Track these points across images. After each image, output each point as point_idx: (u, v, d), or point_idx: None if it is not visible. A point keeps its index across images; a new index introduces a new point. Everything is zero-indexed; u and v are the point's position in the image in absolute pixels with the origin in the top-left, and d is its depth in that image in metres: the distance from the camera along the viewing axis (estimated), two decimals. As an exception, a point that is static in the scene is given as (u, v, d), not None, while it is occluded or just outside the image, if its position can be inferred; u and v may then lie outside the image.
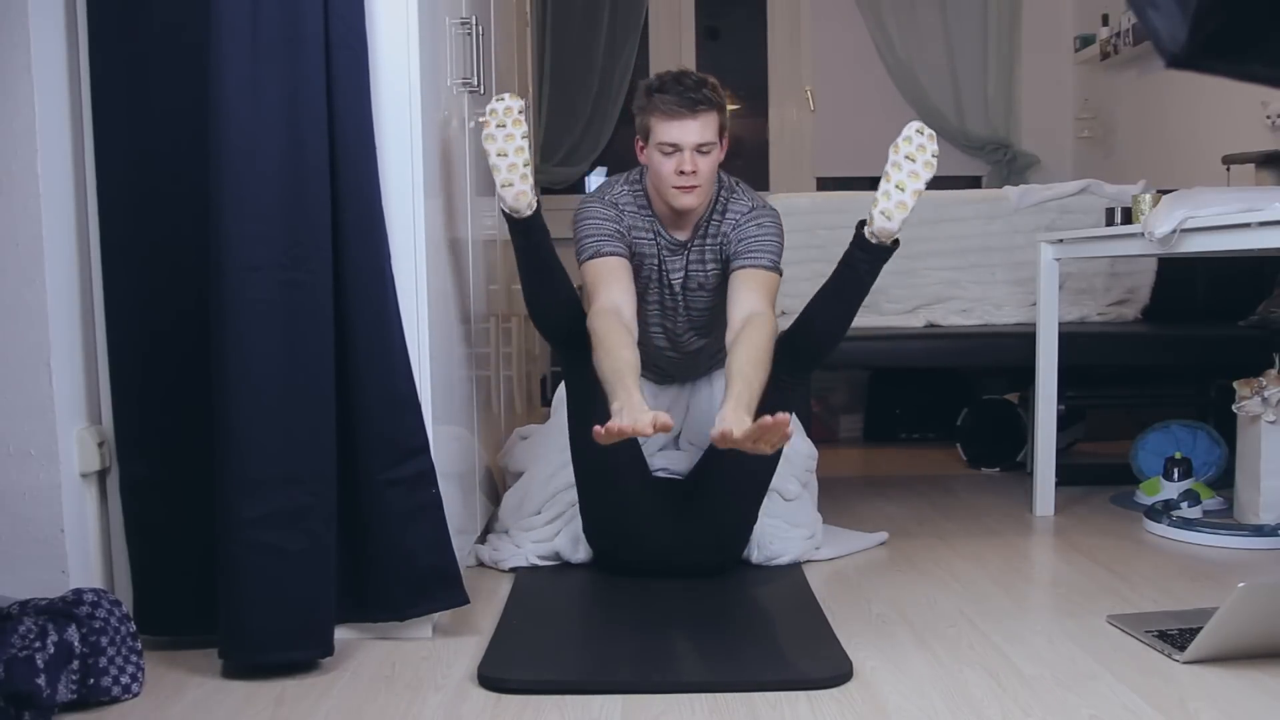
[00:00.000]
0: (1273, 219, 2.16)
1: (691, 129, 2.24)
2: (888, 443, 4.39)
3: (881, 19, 5.57)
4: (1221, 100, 4.05)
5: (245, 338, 1.79)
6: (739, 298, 2.25)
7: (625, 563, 2.38)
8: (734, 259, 2.34)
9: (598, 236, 2.31)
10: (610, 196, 2.40)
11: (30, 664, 1.56)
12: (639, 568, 2.35)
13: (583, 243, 2.32)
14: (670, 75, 2.27)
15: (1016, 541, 2.73)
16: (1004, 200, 3.62)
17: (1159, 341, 3.38)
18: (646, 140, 2.31)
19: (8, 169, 1.82)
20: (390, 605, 1.95)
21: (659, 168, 2.29)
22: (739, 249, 2.33)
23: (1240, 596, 1.73)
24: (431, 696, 1.73)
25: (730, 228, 2.36)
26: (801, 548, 2.49)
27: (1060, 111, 5.59)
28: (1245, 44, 0.79)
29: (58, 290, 1.87)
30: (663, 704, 1.68)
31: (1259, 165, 3.28)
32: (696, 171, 2.25)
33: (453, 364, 2.26)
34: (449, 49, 2.26)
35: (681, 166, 2.25)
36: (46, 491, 1.86)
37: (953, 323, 3.52)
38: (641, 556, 2.35)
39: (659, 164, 2.28)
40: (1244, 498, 2.84)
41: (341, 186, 1.86)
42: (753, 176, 5.82)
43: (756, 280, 2.28)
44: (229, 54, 1.78)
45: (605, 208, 2.37)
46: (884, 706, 1.67)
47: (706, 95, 2.24)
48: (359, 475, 1.91)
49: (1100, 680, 1.75)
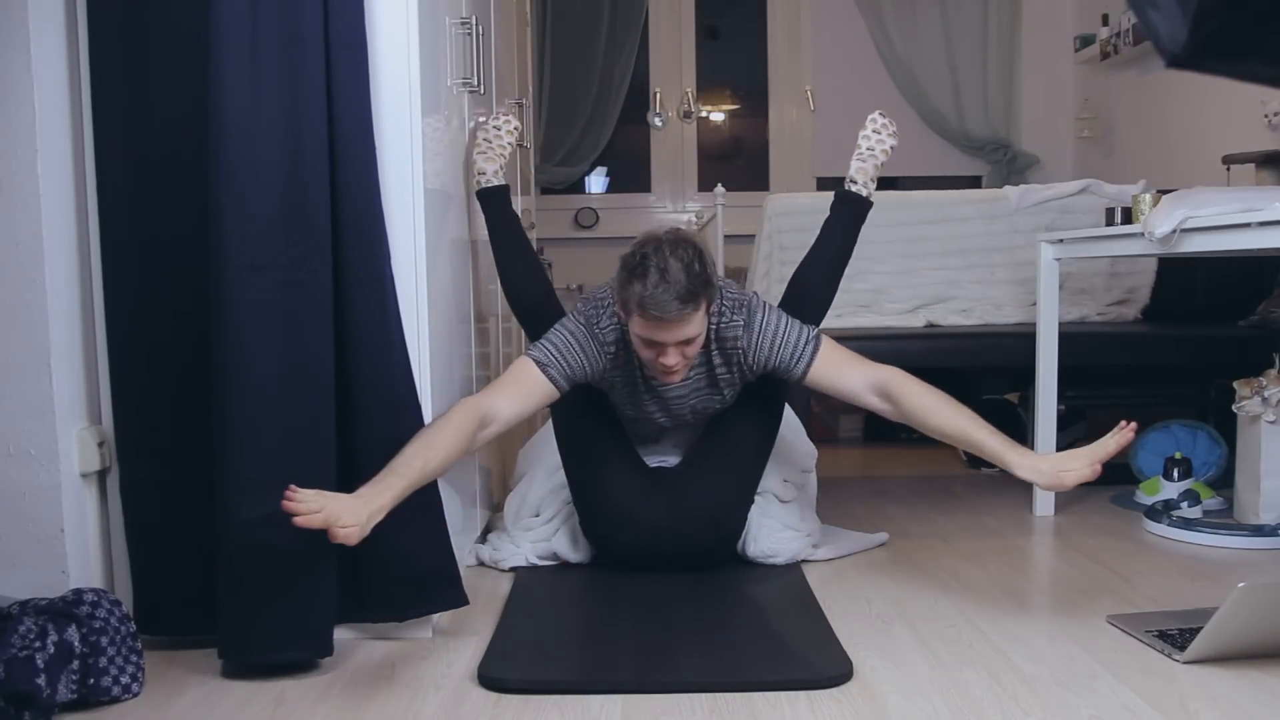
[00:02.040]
0: (1273, 219, 2.16)
1: (673, 331, 2.08)
2: (888, 443, 4.39)
3: (881, 19, 5.57)
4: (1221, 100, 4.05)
5: (245, 337, 1.79)
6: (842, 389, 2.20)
7: (622, 548, 2.37)
8: (785, 373, 2.23)
9: (556, 356, 2.17)
10: (603, 334, 2.23)
11: (30, 664, 1.56)
12: (635, 554, 2.35)
13: (540, 343, 2.20)
14: (655, 269, 2.03)
15: (1016, 541, 2.73)
16: (1004, 200, 3.62)
17: (1159, 341, 3.38)
18: (626, 313, 2.13)
19: (8, 169, 1.82)
20: (390, 605, 1.95)
21: (638, 349, 2.17)
22: (779, 367, 2.22)
23: (1240, 596, 1.72)
24: (431, 696, 1.73)
25: (742, 355, 2.24)
26: (798, 547, 2.49)
27: (1060, 111, 5.59)
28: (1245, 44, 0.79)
29: (58, 290, 1.87)
30: (663, 704, 1.68)
31: (1259, 165, 3.28)
32: (678, 362, 2.14)
33: (453, 364, 2.26)
34: (449, 49, 2.26)
35: (663, 358, 2.13)
36: (46, 491, 1.86)
37: (953, 323, 3.52)
38: (636, 538, 2.33)
39: (638, 346, 2.16)
40: (1244, 498, 2.84)
41: (341, 186, 1.86)
42: (753, 176, 5.83)
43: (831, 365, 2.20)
44: (229, 54, 1.78)
45: (590, 345, 2.21)
46: (884, 706, 1.67)
47: (692, 292, 2.04)
48: (359, 475, 1.91)
49: (1100, 680, 1.75)
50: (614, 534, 2.38)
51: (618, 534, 2.37)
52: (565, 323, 2.26)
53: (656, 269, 2.03)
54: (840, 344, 2.27)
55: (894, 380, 2.14)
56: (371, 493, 1.73)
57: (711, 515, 2.36)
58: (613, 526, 2.37)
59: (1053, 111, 5.60)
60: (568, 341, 2.20)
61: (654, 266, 2.04)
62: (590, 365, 2.21)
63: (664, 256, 2.04)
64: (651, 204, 5.84)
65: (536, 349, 2.19)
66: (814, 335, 2.22)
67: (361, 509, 1.69)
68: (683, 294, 2.03)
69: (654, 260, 2.04)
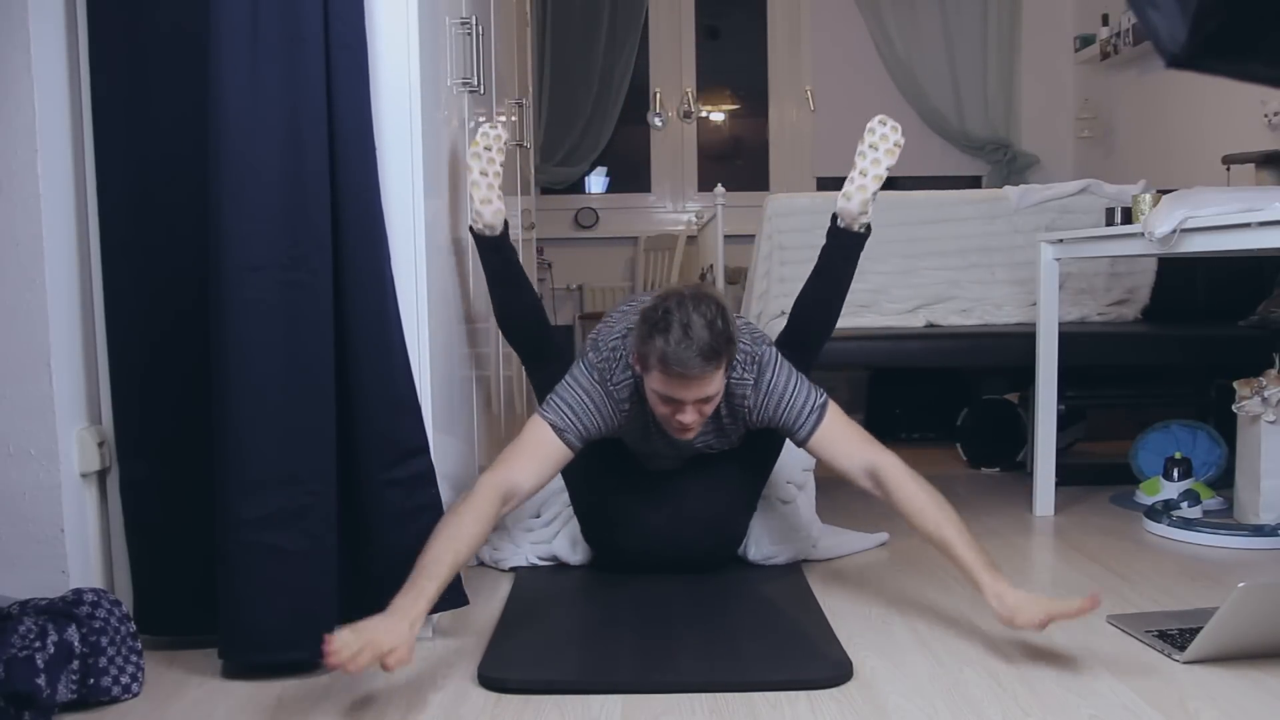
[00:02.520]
0: (1273, 219, 2.16)
1: (694, 389, 2.02)
2: (888, 443, 4.35)
3: (881, 19, 5.58)
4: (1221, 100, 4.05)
5: (245, 338, 1.79)
6: (837, 466, 2.14)
7: (623, 552, 2.37)
8: (787, 433, 2.18)
9: (572, 419, 2.09)
10: (617, 390, 2.16)
11: (30, 664, 1.56)
12: (636, 559, 2.35)
13: (553, 401, 2.12)
14: (678, 325, 1.96)
15: (1016, 541, 2.73)
16: (1004, 200, 3.62)
17: (1159, 341, 3.38)
18: (644, 367, 2.06)
19: (8, 169, 1.82)
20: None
21: (654, 405, 2.10)
22: (783, 427, 2.17)
23: (1240, 596, 1.72)
24: (431, 696, 1.73)
25: (748, 413, 2.19)
26: (798, 547, 2.49)
27: (1060, 111, 5.59)
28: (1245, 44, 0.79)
29: (58, 290, 1.87)
30: (663, 704, 1.68)
31: (1259, 165, 3.28)
32: (695, 420, 2.08)
33: (453, 364, 2.26)
34: (449, 49, 2.26)
35: (680, 416, 2.06)
36: (46, 491, 1.86)
37: (953, 323, 3.52)
38: (637, 542, 2.33)
39: (654, 402, 2.09)
40: (1244, 498, 2.84)
41: (341, 187, 1.86)
42: (753, 176, 5.83)
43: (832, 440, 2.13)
44: (229, 54, 1.78)
45: (605, 404, 2.14)
46: (884, 706, 1.67)
47: (715, 350, 1.98)
48: (359, 476, 1.91)
49: (1100, 680, 1.75)
50: (614, 539, 2.38)
51: (618, 539, 2.37)
52: (578, 376, 2.16)
53: (680, 324, 1.96)
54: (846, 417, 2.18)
55: (888, 471, 2.06)
56: (406, 604, 1.68)
57: (713, 521, 2.35)
58: (613, 531, 2.37)
59: (1053, 111, 5.61)
60: (582, 401, 2.12)
61: (677, 322, 1.96)
62: (605, 424, 2.15)
63: (687, 312, 1.97)
64: (651, 204, 5.85)
65: (551, 410, 2.10)
66: (820, 404, 2.14)
67: (402, 627, 1.64)
68: (706, 351, 1.96)
69: (677, 315, 1.97)
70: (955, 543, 1.94)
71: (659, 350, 1.97)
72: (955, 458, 3.85)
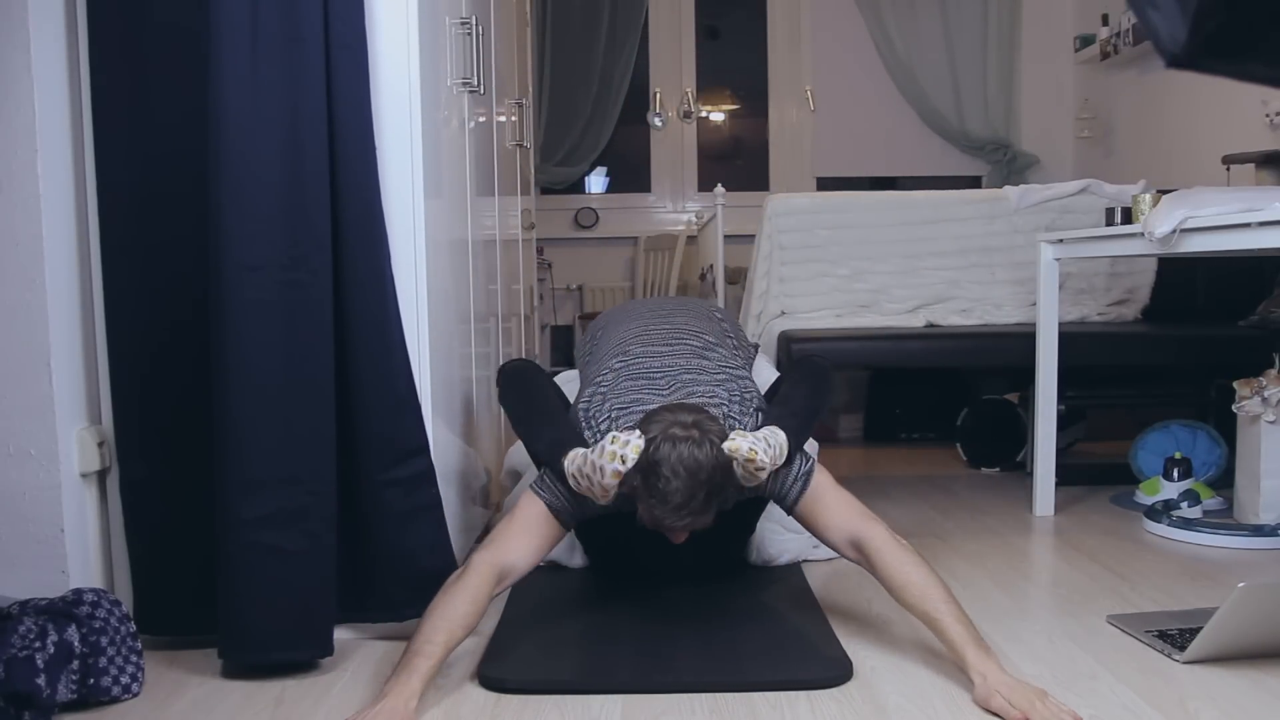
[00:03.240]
0: (1273, 219, 2.16)
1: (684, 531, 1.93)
2: (888, 443, 4.39)
3: (881, 19, 5.58)
4: (1221, 100, 4.05)
5: (245, 337, 1.79)
6: (822, 536, 1.99)
7: (620, 565, 2.38)
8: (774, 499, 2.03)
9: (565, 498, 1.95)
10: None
11: (30, 664, 1.56)
12: (634, 572, 2.35)
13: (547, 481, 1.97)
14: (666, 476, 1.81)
15: (1016, 541, 2.73)
16: (1004, 200, 3.62)
17: (1159, 341, 3.38)
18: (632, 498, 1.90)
19: (8, 169, 1.82)
20: (390, 605, 1.95)
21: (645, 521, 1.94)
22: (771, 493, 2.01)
23: (1240, 596, 1.72)
24: (431, 696, 1.73)
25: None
26: (799, 548, 2.48)
27: (1060, 111, 5.59)
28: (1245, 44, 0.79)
29: (58, 290, 1.87)
30: (663, 704, 1.68)
31: (1259, 165, 3.28)
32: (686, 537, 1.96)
33: (453, 364, 2.26)
34: (449, 49, 2.26)
35: (671, 538, 1.96)
36: (46, 491, 1.86)
37: (953, 323, 3.52)
38: (635, 562, 2.33)
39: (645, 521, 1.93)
40: (1244, 498, 2.84)
41: (341, 186, 1.86)
42: (753, 176, 5.84)
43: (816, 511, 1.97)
44: (229, 54, 1.78)
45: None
46: (884, 706, 1.67)
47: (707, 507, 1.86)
48: (359, 475, 1.91)
49: (1100, 680, 1.75)
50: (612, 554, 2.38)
51: (617, 556, 2.37)
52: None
53: (667, 478, 1.82)
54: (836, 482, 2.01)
55: (874, 543, 1.90)
56: (399, 684, 1.64)
57: (715, 560, 2.35)
58: (612, 563, 2.38)
59: (1052, 111, 5.61)
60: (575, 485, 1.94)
61: (665, 473, 1.82)
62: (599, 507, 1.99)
63: (678, 462, 1.81)
64: (651, 204, 5.85)
65: (545, 490, 1.96)
66: (805, 471, 1.99)
67: (398, 705, 1.61)
68: (697, 511, 1.85)
69: (665, 468, 1.81)
70: (942, 619, 1.80)
71: (649, 509, 1.87)
72: (955, 458, 3.85)
